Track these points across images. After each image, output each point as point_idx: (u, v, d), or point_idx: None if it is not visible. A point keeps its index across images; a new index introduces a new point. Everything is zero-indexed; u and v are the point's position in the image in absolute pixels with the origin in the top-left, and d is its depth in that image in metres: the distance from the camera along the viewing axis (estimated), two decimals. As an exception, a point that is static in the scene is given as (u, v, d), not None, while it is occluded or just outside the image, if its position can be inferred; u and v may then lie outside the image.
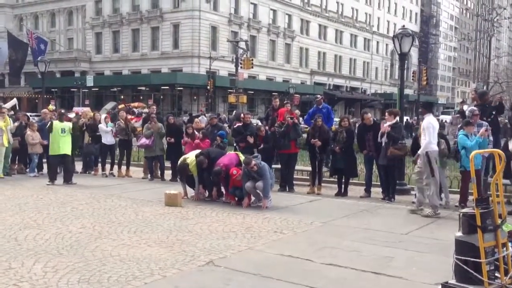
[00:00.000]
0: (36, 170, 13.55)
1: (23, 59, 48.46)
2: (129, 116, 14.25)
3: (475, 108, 10.57)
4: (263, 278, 5.34)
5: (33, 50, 47.35)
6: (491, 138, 9.78)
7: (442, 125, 20.90)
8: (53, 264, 5.69)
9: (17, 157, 14.10)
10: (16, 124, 13.70)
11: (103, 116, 14.12)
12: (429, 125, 8.82)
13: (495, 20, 62.16)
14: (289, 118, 11.33)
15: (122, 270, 5.52)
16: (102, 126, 13.51)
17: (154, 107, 14.93)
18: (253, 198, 9.54)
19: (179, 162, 10.40)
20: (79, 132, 13.86)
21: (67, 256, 6.04)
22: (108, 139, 13.44)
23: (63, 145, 12.15)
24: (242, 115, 12.71)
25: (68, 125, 12.48)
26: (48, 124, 12.41)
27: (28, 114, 17.09)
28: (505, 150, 8.64)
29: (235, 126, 12.81)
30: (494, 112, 10.60)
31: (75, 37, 62.09)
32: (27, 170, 13.81)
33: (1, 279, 5.20)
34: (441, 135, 9.91)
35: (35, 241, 6.72)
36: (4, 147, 12.92)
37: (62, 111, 14.43)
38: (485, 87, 48.55)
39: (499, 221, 4.23)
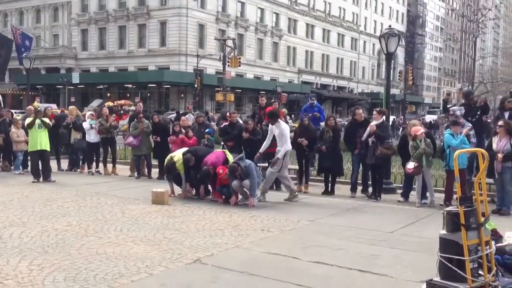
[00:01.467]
0: (21, 167, 13.42)
1: (7, 56, 47.82)
2: (112, 116, 14.08)
3: (460, 107, 10.69)
4: (250, 276, 5.36)
5: (17, 46, 46.75)
6: (473, 140, 9.87)
7: (430, 125, 21.14)
8: (39, 262, 5.65)
9: (1, 155, 13.95)
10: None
11: (88, 113, 14.00)
12: (283, 131, 9.90)
13: (480, 21, 62.89)
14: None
15: (109, 268, 5.50)
16: (85, 124, 13.38)
17: (141, 104, 14.84)
18: (240, 197, 9.55)
19: (166, 160, 10.36)
20: (66, 130, 13.77)
21: (52, 254, 6.00)
22: (91, 137, 13.31)
23: (40, 140, 12.03)
24: (228, 114, 12.71)
25: (45, 120, 12.35)
26: (27, 121, 12.27)
27: (12, 111, 16.90)
28: (489, 150, 8.76)
29: (221, 126, 12.80)
30: (478, 113, 10.73)
31: (61, 33, 61.50)
32: (12, 167, 13.67)
33: (-15, 277, 5.16)
34: (427, 135, 10.03)
35: (20, 239, 6.66)
36: None
37: (37, 107, 14.27)
38: (470, 87, 49.08)
39: (482, 219, 4.30)
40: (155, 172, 12.99)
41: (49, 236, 6.83)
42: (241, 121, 12.77)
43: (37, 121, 12.07)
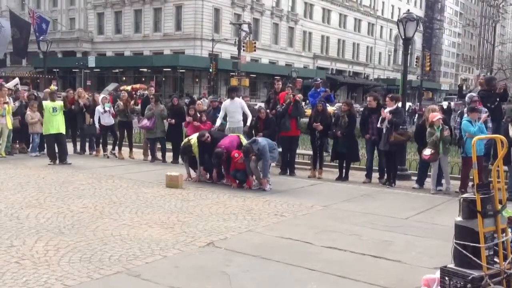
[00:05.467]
0: (38, 149, 13.57)
1: (26, 38, 48.15)
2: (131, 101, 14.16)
3: (474, 94, 10.56)
4: (262, 260, 5.38)
5: (34, 29, 47.02)
6: (490, 125, 9.77)
7: (448, 111, 20.80)
8: (55, 243, 5.73)
9: (18, 137, 14.12)
10: (17, 103, 13.71)
11: (101, 97, 14.05)
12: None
13: (501, 6, 61.59)
14: (291, 95, 11.34)
15: (123, 250, 5.56)
16: (99, 107, 13.42)
17: (152, 88, 14.85)
18: (255, 182, 9.56)
19: (183, 142, 10.43)
20: (79, 114, 13.86)
21: (68, 235, 6.08)
22: (105, 120, 13.36)
23: (55, 124, 12.14)
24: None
25: (59, 103, 12.44)
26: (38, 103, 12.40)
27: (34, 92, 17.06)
28: (505, 136, 8.62)
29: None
30: (498, 99, 10.56)
31: (77, 17, 61.64)
32: (29, 149, 13.84)
33: (3, 256, 5.25)
34: (444, 122, 9.91)
35: (36, 219, 6.76)
36: (8, 128, 12.96)
37: (54, 90, 14.35)
38: (488, 74, 48.31)
39: (499, 206, 4.24)
40: (169, 156, 13.06)
41: (65, 217, 6.91)
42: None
43: (51, 104, 12.16)
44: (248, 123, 11.38)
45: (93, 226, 6.51)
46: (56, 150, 12.25)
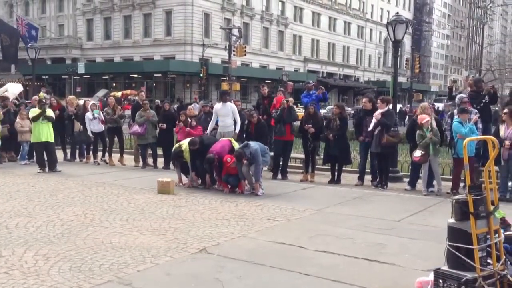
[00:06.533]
0: (27, 157, 13.44)
1: (17, 45, 47.83)
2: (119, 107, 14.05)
3: (464, 95, 10.61)
4: (256, 265, 5.33)
5: (23, 37, 46.70)
6: (480, 125, 9.81)
7: (438, 112, 20.95)
8: (44, 252, 5.65)
9: (7, 145, 13.95)
10: (3, 111, 13.57)
11: (90, 103, 13.94)
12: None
13: (488, 7, 62.16)
14: (284, 101, 11.38)
15: (114, 258, 5.49)
16: (88, 114, 13.32)
17: (143, 93, 14.78)
18: (247, 186, 9.52)
19: (174, 147, 10.37)
20: (67, 121, 13.75)
21: (58, 244, 5.99)
22: (95, 126, 13.26)
23: (44, 132, 12.02)
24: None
25: (48, 111, 12.32)
26: (31, 113, 12.22)
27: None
28: (496, 137, 8.65)
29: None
30: (484, 100, 10.60)
31: (66, 23, 61.38)
32: (18, 158, 13.70)
33: (-9, 267, 5.16)
34: (436, 122, 9.93)
35: (26, 228, 6.67)
36: None
37: (42, 98, 14.23)
38: (477, 75, 48.65)
39: (491, 208, 4.23)
40: (160, 162, 12.98)
41: (54, 226, 6.82)
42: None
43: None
44: (237, 130, 11.30)
45: (84, 234, 6.43)
46: (46, 158, 12.14)
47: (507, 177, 9.12)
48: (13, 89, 20.13)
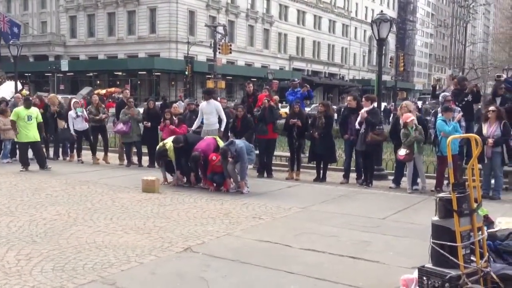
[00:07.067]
0: (9, 156, 13.24)
1: (-1, 42, 47.11)
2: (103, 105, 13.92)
3: (447, 94, 10.71)
4: (241, 264, 5.32)
5: (4, 33, 46.01)
6: (463, 123, 9.91)
7: (421, 111, 21.19)
8: (27, 252, 5.57)
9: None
10: None
11: (73, 101, 13.76)
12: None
13: (471, 6, 62.83)
14: (266, 101, 11.35)
15: (98, 258, 5.43)
16: (71, 113, 13.16)
17: (127, 91, 14.64)
18: (232, 185, 9.50)
19: (158, 146, 10.30)
20: (50, 120, 13.58)
21: (41, 243, 5.91)
22: (78, 125, 13.10)
23: (29, 132, 11.86)
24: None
25: (35, 111, 12.17)
26: (13, 116, 12.02)
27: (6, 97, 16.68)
28: (479, 135, 8.75)
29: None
30: (467, 98, 10.70)
31: (49, 20, 60.61)
32: (0, 156, 13.48)
33: (-28, 268, 5.07)
34: (420, 120, 10.00)
35: (8, 228, 6.57)
36: None
37: (25, 95, 14.04)
38: (460, 73, 49.19)
39: (475, 205, 4.27)
40: (145, 160, 12.89)
41: (37, 225, 6.73)
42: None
43: (26, 112, 11.89)
44: (223, 128, 11.29)
45: (67, 233, 6.35)
46: (31, 156, 11.99)
47: (490, 175, 9.23)
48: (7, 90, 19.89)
